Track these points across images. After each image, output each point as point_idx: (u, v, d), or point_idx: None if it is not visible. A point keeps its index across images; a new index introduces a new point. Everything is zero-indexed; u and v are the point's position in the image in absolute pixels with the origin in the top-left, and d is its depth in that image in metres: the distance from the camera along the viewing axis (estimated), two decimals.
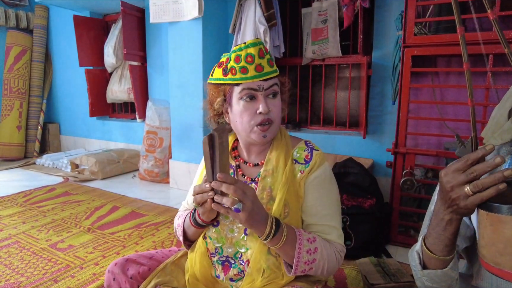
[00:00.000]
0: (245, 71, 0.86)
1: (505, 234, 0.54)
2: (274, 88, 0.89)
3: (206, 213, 0.85)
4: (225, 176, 0.75)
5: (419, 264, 0.74)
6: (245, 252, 0.89)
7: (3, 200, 2.68)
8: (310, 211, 0.90)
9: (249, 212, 0.76)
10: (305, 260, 0.83)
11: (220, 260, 0.93)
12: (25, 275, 1.60)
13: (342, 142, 2.63)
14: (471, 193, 0.57)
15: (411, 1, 1.76)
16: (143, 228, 2.18)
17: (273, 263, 0.87)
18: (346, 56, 2.63)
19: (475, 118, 0.61)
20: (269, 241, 0.81)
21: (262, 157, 0.96)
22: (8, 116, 4.16)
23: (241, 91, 0.87)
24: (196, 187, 0.80)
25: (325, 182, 0.92)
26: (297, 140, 0.98)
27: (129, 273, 0.96)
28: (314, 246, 0.85)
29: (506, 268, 0.54)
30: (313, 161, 0.91)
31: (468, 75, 0.60)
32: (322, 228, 0.90)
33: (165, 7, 2.81)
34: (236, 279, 0.92)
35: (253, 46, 0.86)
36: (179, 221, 1.01)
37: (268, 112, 0.87)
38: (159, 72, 3.57)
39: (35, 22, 4.33)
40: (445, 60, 2.16)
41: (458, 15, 0.58)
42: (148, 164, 3.30)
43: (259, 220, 0.78)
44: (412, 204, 2.02)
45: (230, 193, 0.74)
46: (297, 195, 0.89)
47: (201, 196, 0.79)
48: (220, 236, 0.92)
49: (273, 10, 2.56)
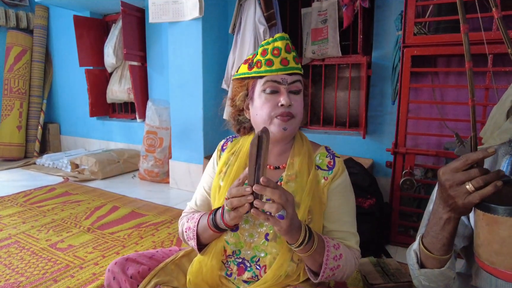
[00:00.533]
0: (271, 63, 0.86)
1: (500, 234, 0.54)
2: (297, 84, 0.89)
3: (237, 218, 0.80)
4: (268, 180, 0.70)
5: (417, 263, 0.74)
6: (263, 257, 0.88)
7: (3, 200, 2.68)
8: (332, 218, 0.91)
9: (291, 219, 0.73)
10: (331, 266, 0.82)
11: (236, 261, 0.91)
12: (25, 275, 1.60)
13: (342, 142, 2.64)
14: (473, 189, 0.57)
15: (411, 1, 1.76)
16: (143, 228, 2.18)
17: (292, 269, 0.87)
18: (346, 56, 2.63)
19: (475, 118, 0.61)
20: (301, 249, 0.78)
21: (282, 160, 0.94)
22: (8, 116, 4.16)
23: (264, 83, 0.87)
24: (234, 190, 0.75)
25: (347, 189, 0.93)
26: (317, 146, 0.98)
27: (129, 273, 0.95)
28: (340, 252, 0.84)
29: (501, 268, 0.55)
30: (336, 168, 0.91)
31: (470, 74, 0.60)
32: (343, 235, 0.91)
33: (165, 7, 2.81)
34: (249, 281, 0.91)
35: (280, 40, 0.87)
36: (190, 224, 0.94)
37: (290, 106, 0.86)
38: (159, 72, 3.57)
39: (35, 22, 4.34)
40: (444, 60, 2.16)
41: (462, 13, 0.58)
42: (148, 164, 3.30)
43: (295, 227, 0.76)
44: (412, 204, 2.02)
45: (275, 198, 0.70)
46: (320, 201, 0.89)
47: (238, 200, 0.73)
48: (239, 241, 0.89)
49: (273, 10, 2.56)
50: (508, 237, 0.54)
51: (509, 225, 0.53)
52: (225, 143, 1.03)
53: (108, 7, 3.83)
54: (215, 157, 1.03)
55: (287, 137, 0.92)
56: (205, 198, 1.03)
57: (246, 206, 0.73)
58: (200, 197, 1.04)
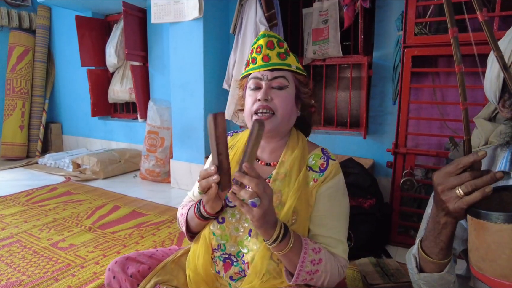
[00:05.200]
0: (254, 61, 0.90)
1: (486, 240, 0.53)
2: (280, 80, 0.88)
3: (210, 202, 0.82)
4: (251, 167, 0.71)
5: (416, 268, 0.73)
6: (246, 253, 0.88)
7: (6, 199, 2.69)
8: (318, 222, 0.88)
9: (264, 210, 0.72)
10: (307, 270, 0.81)
11: (222, 257, 0.92)
12: (26, 274, 1.61)
13: (342, 142, 2.64)
14: (462, 194, 0.56)
15: (412, 2, 1.76)
16: (143, 228, 2.19)
17: (274, 269, 0.86)
18: (347, 56, 2.63)
19: (468, 121, 0.60)
20: (275, 246, 0.78)
21: (275, 157, 0.94)
22: (10, 116, 4.18)
23: (249, 80, 0.90)
24: (203, 171, 0.76)
25: (338, 194, 0.90)
26: (314, 146, 0.96)
27: (129, 272, 0.96)
28: (319, 257, 0.82)
29: (487, 274, 0.54)
30: (328, 171, 0.89)
31: (461, 78, 0.59)
32: (328, 241, 0.88)
33: (166, 8, 2.82)
34: (236, 278, 0.91)
35: (262, 38, 0.90)
36: (183, 210, 0.99)
37: (267, 101, 0.86)
38: (161, 72, 3.58)
39: (37, 22, 4.36)
40: (445, 60, 2.16)
41: (450, 16, 0.57)
42: (149, 164, 3.31)
43: (270, 222, 0.76)
44: (412, 205, 2.02)
45: (252, 186, 0.70)
46: (307, 203, 0.87)
47: (206, 181, 0.75)
48: (225, 234, 0.90)
49: (274, 10, 2.56)
50: (492, 243, 0.53)
51: (493, 231, 0.52)
52: None
53: (110, 7, 3.84)
54: None
55: (268, 135, 0.90)
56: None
57: (214, 186, 0.74)
58: (197, 189, 1.04)
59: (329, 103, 2.87)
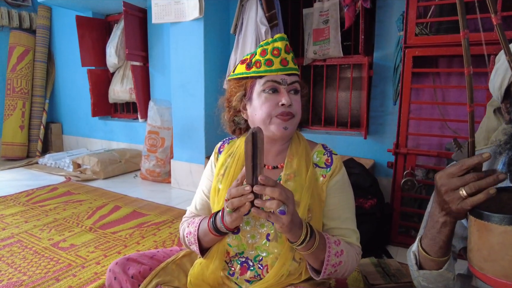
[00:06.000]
0: (271, 63, 0.87)
1: (489, 241, 0.54)
2: (296, 85, 0.90)
3: (239, 219, 0.80)
4: (266, 178, 0.70)
5: (416, 265, 0.75)
6: (265, 257, 0.88)
7: (6, 200, 2.69)
8: (332, 215, 0.91)
9: (292, 215, 0.72)
10: (333, 263, 0.82)
11: (239, 260, 0.92)
12: (27, 274, 1.61)
13: (343, 143, 2.64)
14: (466, 195, 0.57)
15: (412, 2, 1.76)
16: (144, 228, 2.19)
17: (295, 268, 0.87)
18: (348, 57, 2.63)
19: (473, 123, 0.61)
20: (303, 246, 0.78)
21: (280, 159, 0.94)
22: (11, 116, 4.18)
23: (264, 83, 0.87)
24: (233, 190, 0.74)
25: (345, 186, 0.93)
26: (314, 144, 0.98)
27: (130, 272, 0.96)
28: (341, 248, 0.84)
29: (489, 274, 0.55)
30: (334, 165, 0.91)
31: (469, 81, 0.59)
32: (343, 232, 0.91)
33: (167, 8, 2.83)
34: (251, 281, 0.91)
35: (280, 40, 0.88)
36: (191, 228, 0.93)
37: (290, 106, 0.87)
38: (161, 72, 3.58)
39: (38, 22, 4.36)
40: (446, 61, 2.16)
41: (463, 17, 0.56)
42: (150, 164, 3.31)
43: (297, 224, 0.76)
44: (413, 205, 2.02)
45: (276, 196, 0.69)
46: (319, 199, 0.89)
47: (238, 200, 0.73)
48: (241, 243, 0.89)
49: (274, 10, 2.56)
50: (496, 244, 0.53)
51: (498, 232, 0.53)
52: (221, 146, 1.03)
53: (110, 7, 3.84)
54: (213, 160, 1.02)
55: (287, 136, 0.92)
56: (204, 202, 1.02)
57: (247, 205, 0.73)
58: (199, 201, 1.03)
59: (329, 103, 2.87)
